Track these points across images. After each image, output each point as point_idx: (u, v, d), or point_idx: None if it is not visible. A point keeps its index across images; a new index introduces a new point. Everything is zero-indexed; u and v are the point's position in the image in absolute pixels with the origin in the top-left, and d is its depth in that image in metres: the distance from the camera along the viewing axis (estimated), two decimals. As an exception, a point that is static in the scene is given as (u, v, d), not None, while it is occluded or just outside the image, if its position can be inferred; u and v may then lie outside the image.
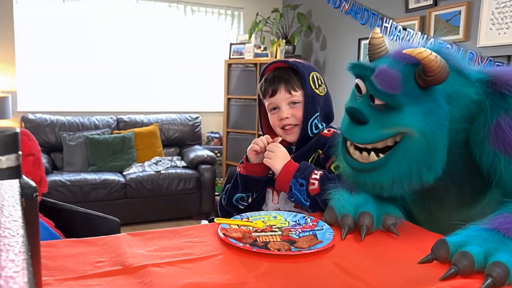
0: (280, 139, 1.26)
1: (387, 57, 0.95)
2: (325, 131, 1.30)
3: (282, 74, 1.29)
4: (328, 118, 1.34)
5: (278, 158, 1.20)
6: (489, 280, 0.70)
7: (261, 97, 1.35)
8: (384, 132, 0.90)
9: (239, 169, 1.30)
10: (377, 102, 0.91)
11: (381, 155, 0.92)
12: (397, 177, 0.90)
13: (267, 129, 1.39)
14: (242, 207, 1.31)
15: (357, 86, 0.99)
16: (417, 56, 0.84)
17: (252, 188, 1.29)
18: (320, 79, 1.32)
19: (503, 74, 0.93)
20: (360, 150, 0.95)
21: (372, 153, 0.93)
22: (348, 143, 0.98)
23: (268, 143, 1.24)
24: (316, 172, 1.16)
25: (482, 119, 0.91)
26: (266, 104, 1.33)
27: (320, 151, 1.26)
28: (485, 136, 0.90)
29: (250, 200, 1.31)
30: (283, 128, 1.30)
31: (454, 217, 1.00)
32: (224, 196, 1.37)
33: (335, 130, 1.29)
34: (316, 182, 1.14)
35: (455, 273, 0.75)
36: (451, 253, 0.78)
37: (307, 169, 1.17)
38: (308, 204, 1.15)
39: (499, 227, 0.80)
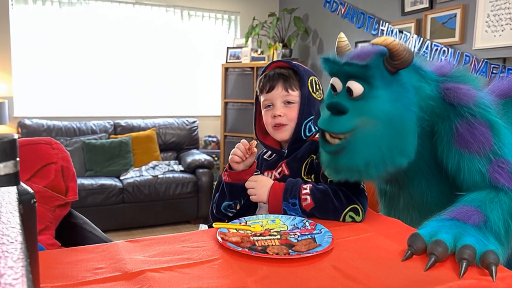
0: (255, 143, 1.24)
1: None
2: (317, 135, 1.29)
3: (282, 72, 1.29)
4: None
5: (262, 188, 1.17)
6: (464, 263, 0.78)
7: (258, 93, 1.34)
8: (357, 121, 0.99)
9: (224, 177, 1.29)
10: (355, 94, 1.00)
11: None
12: (371, 160, 0.99)
13: (259, 129, 1.37)
14: (231, 215, 1.30)
15: (332, 86, 1.08)
16: (383, 43, 0.96)
17: (239, 195, 1.27)
18: (319, 84, 1.33)
19: (452, 87, 1.06)
20: (338, 138, 1.04)
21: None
22: (326, 135, 1.06)
23: (245, 148, 1.22)
24: (304, 186, 1.14)
25: (443, 128, 1.05)
26: (262, 100, 1.31)
27: (314, 156, 1.25)
28: (449, 141, 1.04)
29: (238, 207, 1.30)
30: (274, 126, 1.28)
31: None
32: (214, 204, 1.35)
33: None
34: (309, 197, 1.11)
35: (435, 261, 0.81)
36: (427, 244, 0.85)
37: (294, 186, 1.14)
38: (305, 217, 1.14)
39: (457, 216, 0.92)
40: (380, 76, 0.99)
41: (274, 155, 1.36)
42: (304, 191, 1.12)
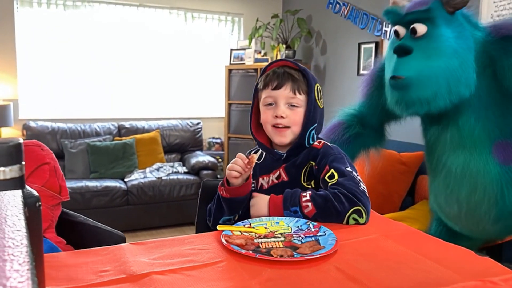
0: (255, 157, 1.17)
1: None
2: (316, 143, 1.26)
3: (292, 73, 1.24)
4: (318, 131, 1.31)
5: (260, 201, 1.16)
6: None
7: (259, 86, 1.28)
8: (428, 63, 1.12)
9: (221, 192, 1.22)
10: (419, 34, 1.12)
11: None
12: (439, 92, 1.11)
13: (256, 128, 1.33)
14: None
15: (396, 32, 1.20)
16: None
17: (238, 209, 1.24)
18: (321, 92, 1.30)
19: (503, 24, 1.19)
20: None
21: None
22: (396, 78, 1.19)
23: (244, 163, 1.15)
24: (304, 194, 1.11)
25: (506, 61, 1.15)
26: (263, 96, 1.26)
27: (313, 163, 1.23)
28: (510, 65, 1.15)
29: (236, 218, 1.26)
30: (275, 126, 1.24)
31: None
32: (210, 218, 1.30)
33: (325, 142, 1.27)
34: (310, 204, 1.09)
35: None
36: None
37: (293, 195, 1.12)
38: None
39: None
40: (442, 16, 1.08)
41: (264, 157, 1.33)
42: (304, 199, 1.10)
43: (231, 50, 4.78)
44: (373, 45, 3.76)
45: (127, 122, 4.49)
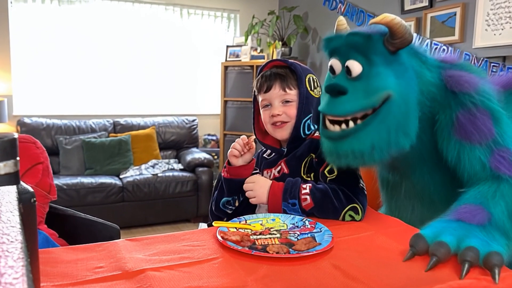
0: (253, 137, 1.27)
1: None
2: (317, 133, 1.29)
3: (279, 72, 1.29)
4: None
5: (261, 188, 1.17)
6: (466, 265, 0.77)
7: (255, 93, 1.34)
8: (368, 101, 0.96)
9: (223, 173, 1.30)
10: (354, 74, 0.98)
11: (359, 122, 0.98)
12: (377, 143, 0.97)
13: (258, 129, 1.37)
14: (230, 211, 1.30)
15: (331, 68, 1.07)
16: (382, 21, 0.95)
17: (237, 191, 1.27)
18: (316, 81, 1.32)
19: (454, 74, 1.04)
20: (338, 123, 1.01)
21: (350, 121, 0.99)
22: (327, 121, 1.04)
23: (244, 143, 1.24)
24: (304, 186, 1.13)
25: (444, 117, 1.03)
26: (260, 99, 1.32)
27: (313, 155, 1.24)
28: (449, 132, 1.02)
29: (237, 204, 1.30)
30: (273, 124, 1.28)
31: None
32: (213, 202, 1.36)
33: None
34: (308, 197, 1.10)
35: (436, 261, 0.80)
36: (429, 245, 0.84)
37: (293, 186, 1.14)
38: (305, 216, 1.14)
39: (461, 217, 0.91)
40: (381, 53, 0.97)
41: (273, 154, 1.36)
42: (303, 191, 1.12)
43: (227, 46, 4.77)
44: (369, 43, 3.76)
45: (123, 119, 4.47)
